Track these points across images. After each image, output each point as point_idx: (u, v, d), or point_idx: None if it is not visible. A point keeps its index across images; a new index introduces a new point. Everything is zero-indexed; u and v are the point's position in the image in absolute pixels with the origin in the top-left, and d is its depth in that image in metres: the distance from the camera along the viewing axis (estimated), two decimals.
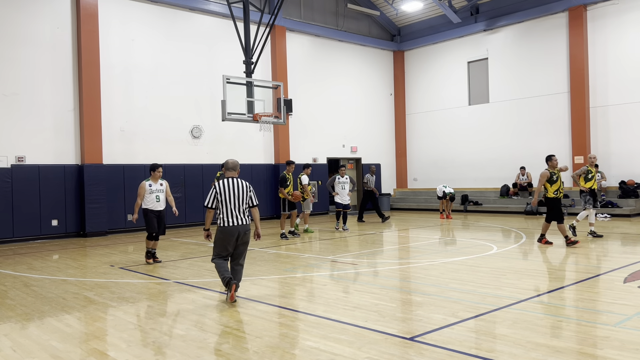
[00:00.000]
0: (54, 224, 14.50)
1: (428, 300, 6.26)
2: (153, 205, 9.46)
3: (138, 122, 16.16)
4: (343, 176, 14.36)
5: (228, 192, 6.44)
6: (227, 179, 6.57)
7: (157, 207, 9.50)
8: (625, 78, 17.48)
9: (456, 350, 4.42)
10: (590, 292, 6.63)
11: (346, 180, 14.43)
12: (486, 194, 20.74)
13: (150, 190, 9.43)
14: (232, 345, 4.80)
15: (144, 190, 9.40)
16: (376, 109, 23.39)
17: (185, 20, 17.35)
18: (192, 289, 7.36)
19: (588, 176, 12.02)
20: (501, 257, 9.41)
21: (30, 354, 4.72)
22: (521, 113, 20.02)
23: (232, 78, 13.99)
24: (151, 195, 9.44)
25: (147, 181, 9.49)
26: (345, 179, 14.42)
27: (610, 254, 9.86)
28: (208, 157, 17.41)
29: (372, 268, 8.80)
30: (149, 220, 9.46)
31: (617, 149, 17.50)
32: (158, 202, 9.51)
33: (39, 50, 14.51)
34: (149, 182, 9.48)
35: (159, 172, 9.55)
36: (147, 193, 9.40)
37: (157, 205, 9.51)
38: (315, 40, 21.07)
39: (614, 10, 17.74)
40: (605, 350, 4.35)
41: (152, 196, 9.45)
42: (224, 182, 6.52)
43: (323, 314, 5.76)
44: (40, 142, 14.45)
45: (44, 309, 6.39)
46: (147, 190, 9.41)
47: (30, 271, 9.27)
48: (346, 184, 14.36)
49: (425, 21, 22.89)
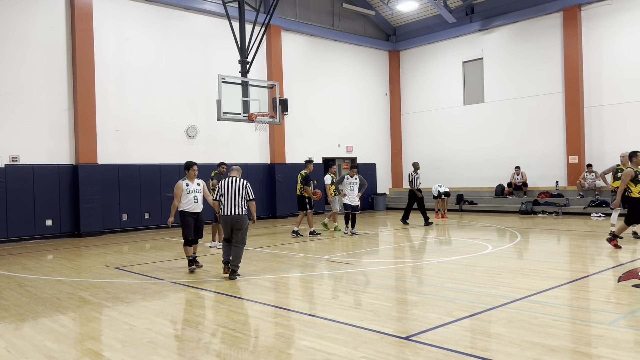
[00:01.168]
0: (48, 224, 14.44)
1: (423, 300, 6.27)
2: (191, 207, 8.63)
3: (133, 121, 16.11)
4: (353, 176, 13.39)
5: (227, 188, 8.01)
6: (229, 178, 8.10)
7: (195, 209, 8.67)
8: (620, 78, 17.57)
9: (452, 350, 4.42)
10: (585, 291, 6.66)
11: (355, 181, 13.47)
12: (481, 193, 20.80)
13: (187, 191, 8.59)
14: (228, 346, 4.79)
15: (181, 191, 8.55)
16: (372, 109, 23.42)
17: (180, 20, 17.31)
18: (188, 288, 7.34)
19: (617, 174, 11.35)
20: (496, 257, 9.43)
21: (24, 354, 4.70)
22: (516, 113, 20.08)
23: (227, 77, 13.96)
24: (188, 195, 8.60)
25: (183, 181, 8.67)
26: (355, 180, 13.44)
27: (604, 253, 9.89)
28: (203, 156, 17.37)
29: (367, 267, 8.80)
30: (185, 223, 8.62)
31: (611, 148, 17.55)
32: (196, 203, 8.68)
33: (33, 49, 14.44)
34: (186, 182, 8.65)
35: (193, 171, 8.73)
36: (184, 194, 8.57)
37: (195, 207, 8.68)
38: (310, 40, 21.07)
39: (608, 10, 17.82)
40: (600, 349, 4.37)
41: (189, 197, 8.61)
42: (225, 180, 8.06)
43: (319, 313, 5.76)
44: (34, 141, 14.38)
45: (38, 309, 6.37)
46: (184, 190, 8.57)
47: (24, 271, 9.22)
48: (355, 185, 13.45)
49: (420, 21, 22.93)
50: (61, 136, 14.88)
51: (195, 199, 8.65)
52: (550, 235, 12.54)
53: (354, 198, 13.37)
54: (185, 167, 8.80)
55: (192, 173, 8.72)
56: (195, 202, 8.66)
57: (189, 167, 8.74)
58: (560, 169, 18.99)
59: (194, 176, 8.77)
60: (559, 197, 18.48)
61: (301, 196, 13.37)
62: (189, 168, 8.74)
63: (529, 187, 19.46)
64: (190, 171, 8.71)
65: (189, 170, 8.73)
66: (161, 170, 16.46)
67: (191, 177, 8.73)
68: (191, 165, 8.75)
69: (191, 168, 8.72)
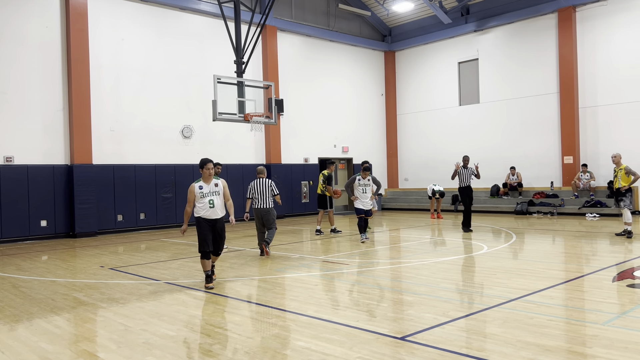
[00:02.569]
0: (43, 225, 14.37)
1: (419, 300, 6.28)
2: (207, 213, 7.39)
3: (128, 121, 16.07)
4: (365, 177, 12.29)
5: (257, 188, 10.11)
6: (258, 179, 10.18)
7: (211, 216, 7.42)
8: (614, 78, 17.64)
9: (447, 350, 4.43)
10: (580, 291, 6.68)
11: (368, 183, 12.45)
12: (476, 193, 20.74)
13: (201, 194, 7.39)
14: (223, 346, 4.78)
15: (194, 195, 7.42)
16: (367, 109, 23.43)
17: (175, 20, 17.27)
18: (183, 289, 7.33)
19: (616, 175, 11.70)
20: (491, 257, 9.45)
21: (18, 355, 4.67)
22: (511, 113, 20.14)
23: (223, 78, 13.94)
24: (203, 200, 7.40)
25: (196, 183, 7.47)
26: (367, 181, 12.38)
27: (599, 253, 9.94)
28: (199, 157, 17.23)
29: (363, 268, 8.80)
30: (201, 232, 7.40)
31: (605, 149, 17.63)
32: (212, 208, 7.41)
33: (28, 49, 14.37)
34: (199, 184, 7.45)
35: (208, 170, 7.44)
36: (197, 198, 7.43)
37: (212, 213, 7.42)
38: (306, 40, 21.06)
39: (602, 11, 17.90)
40: (594, 349, 4.39)
41: (204, 201, 7.40)
42: (256, 181, 10.17)
43: (314, 314, 5.75)
44: (29, 142, 14.31)
45: (32, 310, 6.34)
46: (198, 194, 7.40)
47: (18, 272, 9.18)
48: (368, 187, 12.41)
49: (416, 22, 22.96)
50: (56, 136, 14.83)
51: (211, 203, 7.42)
52: (545, 236, 12.58)
53: (367, 202, 12.40)
54: (200, 164, 7.55)
55: (207, 172, 7.46)
56: (211, 207, 7.41)
57: (203, 165, 7.48)
58: (555, 170, 19.06)
59: (210, 176, 7.50)
60: (554, 198, 18.54)
61: (322, 195, 13.78)
62: (203, 166, 7.48)
63: (524, 187, 19.52)
64: (205, 170, 7.46)
65: (202, 168, 7.49)
66: (156, 170, 16.42)
67: (206, 177, 7.49)
68: (205, 162, 7.48)
69: (205, 166, 7.45)
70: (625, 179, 11.38)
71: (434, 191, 18.01)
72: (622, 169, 11.43)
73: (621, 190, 11.43)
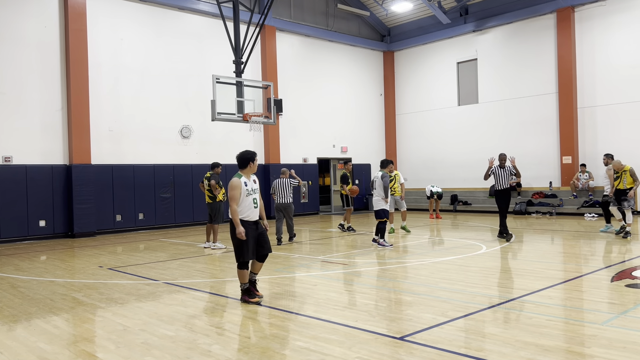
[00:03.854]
0: (41, 225, 14.36)
1: (418, 300, 6.28)
2: (250, 214, 6.27)
3: (127, 121, 16.05)
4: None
5: (279, 186, 11.92)
6: (279, 179, 12.00)
7: (254, 217, 6.33)
8: (613, 79, 17.66)
9: (446, 350, 4.43)
10: (578, 291, 6.69)
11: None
12: (475, 194, 20.85)
13: (247, 191, 6.24)
14: (222, 346, 4.78)
15: (239, 191, 6.17)
16: (366, 109, 23.43)
17: (174, 20, 17.26)
18: (182, 289, 7.32)
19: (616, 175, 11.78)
20: (490, 257, 9.46)
21: (17, 356, 4.67)
22: (510, 113, 20.15)
23: (221, 78, 13.95)
24: (247, 198, 6.23)
25: (240, 177, 6.27)
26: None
27: (598, 253, 9.95)
28: (197, 157, 17.34)
29: (362, 268, 8.81)
30: (244, 238, 6.15)
31: (604, 149, 17.58)
32: (256, 207, 6.35)
33: (26, 49, 14.36)
34: (244, 180, 6.28)
35: (251, 168, 6.37)
36: (242, 195, 6.21)
37: (255, 214, 6.34)
38: (305, 40, 21.06)
39: (601, 11, 17.92)
40: (593, 349, 4.39)
41: (248, 200, 6.24)
42: (278, 180, 11.99)
43: (313, 314, 5.75)
44: (27, 142, 14.30)
45: (31, 310, 6.33)
46: (244, 191, 6.21)
47: (17, 272, 9.17)
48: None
49: (415, 22, 22.97)
50: (54, 136, 14.81)
51: (254, 202, 6.31)
52: (543, 236, 12.59)
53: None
54: (245, 158, 6.33)
55: (250, 170, 6.36)
56: (255, 207, 6.32)
57: (252, 158, 6.34)
58: (554, 170, 19.07)
59: (253, 171, 6.42)
60: (552, 198, 18.56)
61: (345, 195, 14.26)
62: (252, 159, 6.34)
63: (523, 187, 19.53)
64: (247, 168, 6.34)
65: (252, 162, 6.36)
66: (155, 170, 16.41)
67: (248, 172, 6.37)
68: (253, 155, 6.38)
69: (254, 160, 6.36)
70: (630, 180, 11.47)
71: (431, 192, 18.03)
72: (627, 171, 11.50)
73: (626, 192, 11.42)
